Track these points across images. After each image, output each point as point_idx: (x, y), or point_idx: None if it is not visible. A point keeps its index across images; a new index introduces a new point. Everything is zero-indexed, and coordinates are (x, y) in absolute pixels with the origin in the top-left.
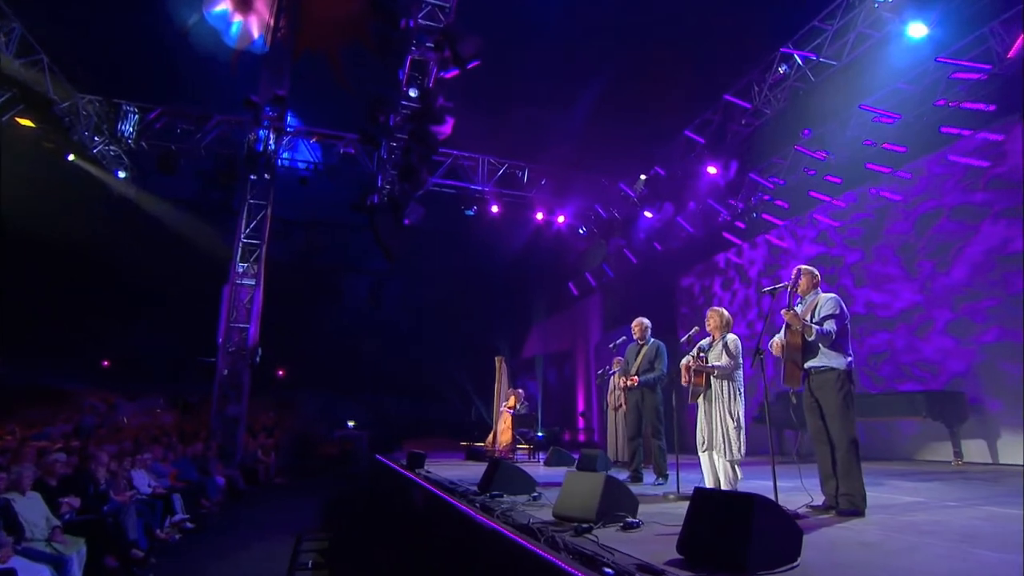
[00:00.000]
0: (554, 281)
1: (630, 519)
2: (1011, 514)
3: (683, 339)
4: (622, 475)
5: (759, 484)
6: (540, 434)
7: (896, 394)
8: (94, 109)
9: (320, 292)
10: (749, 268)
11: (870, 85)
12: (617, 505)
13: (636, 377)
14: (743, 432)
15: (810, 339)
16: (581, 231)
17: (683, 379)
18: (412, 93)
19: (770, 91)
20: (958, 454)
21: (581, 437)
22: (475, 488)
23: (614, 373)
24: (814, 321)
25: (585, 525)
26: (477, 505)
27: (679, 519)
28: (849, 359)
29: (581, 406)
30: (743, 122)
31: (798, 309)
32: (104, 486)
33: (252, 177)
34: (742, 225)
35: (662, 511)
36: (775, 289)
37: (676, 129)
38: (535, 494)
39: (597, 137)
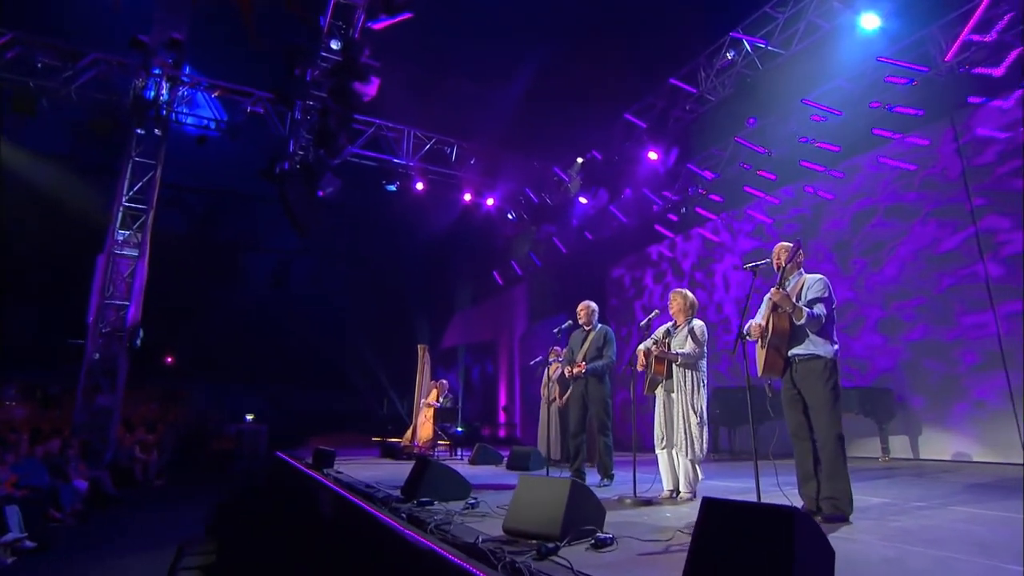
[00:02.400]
0: (479, 267)
1: (601, 534)
2: (987, 515)
3: (642, 322)
4: (563, 474)
5: (719, 485)
6: (459, 429)
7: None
8: None
9: (219, 270)
10: (683, 260)
11: (814, 79)
12: (584, 517)
13: (583, 363)
14: (705, 428)
15: (799, 323)
16: (510, 216)
17: (639, 364)
18: (334, 45)
19: (716, 77)
20: (885, 450)
21: (502, 433)
22: (398, 493)
23: (549, 364)
24: (800, 304)
25: (550, 545)
26: (403, 516)
27: (651, 530)
28: (836, 347)
29: (503, 400)
30: (687, 108)
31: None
32: None
33: (139, 131)
34: (675, 218)
35: (626, 520)
36: (757, 265)
37: (616, 112)
38: (471, 500)
39: (533, 116)
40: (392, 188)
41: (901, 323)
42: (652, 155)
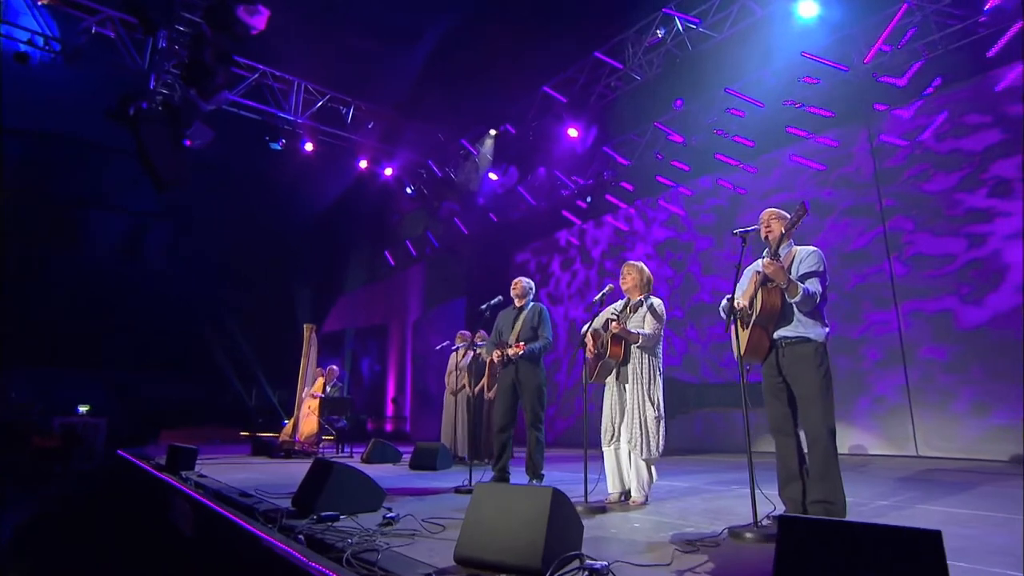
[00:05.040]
0: (371, 244)
1: (591, 561)
2: (961, 514)
3: (595, 298)
4: (486, 474)
5: (663, 485)
6: (343, 421)
7: (739, 385)
8: None
9: (52, 232)
10: (592, 248)
11: (739, 69)
12: (566, 539)
13: (522, 344)
14: (663, 422)
15: (793, 300)
16: (409, 190)
17: (589, 350)
18: None
19: (644, 55)
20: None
21: (389, 427)
22: (287, 505)
23: (456, 349)
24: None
25: None
26: (300, 538)
27: (636, 550)
28: (827, 329)
29: (392, 391)
30: (611, 84)
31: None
32: None
33: None
34: (583, 205)
35: (594, 535)
36: (747, 231)
37: (535, 83)
38: (387, 512)
39: (442, 81)
40: (276, 147)
41: None
42: (572, 132)
